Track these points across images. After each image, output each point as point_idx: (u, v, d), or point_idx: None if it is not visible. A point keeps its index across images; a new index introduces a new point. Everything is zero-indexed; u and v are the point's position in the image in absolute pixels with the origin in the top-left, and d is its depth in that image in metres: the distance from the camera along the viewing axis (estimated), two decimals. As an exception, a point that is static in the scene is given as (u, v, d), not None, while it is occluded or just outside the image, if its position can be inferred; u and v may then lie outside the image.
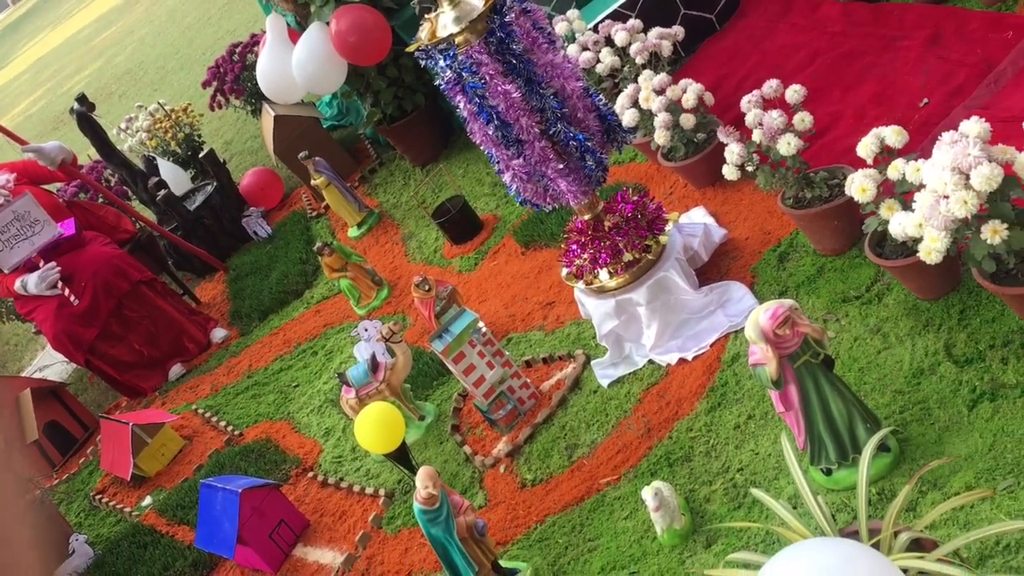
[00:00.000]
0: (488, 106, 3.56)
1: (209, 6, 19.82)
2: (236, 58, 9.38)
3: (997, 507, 2.63)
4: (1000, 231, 2.79)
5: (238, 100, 9.82)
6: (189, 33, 18.89)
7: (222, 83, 9.54)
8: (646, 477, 3.54)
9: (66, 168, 7.14)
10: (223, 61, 9.50)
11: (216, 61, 9.62)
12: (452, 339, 4.10)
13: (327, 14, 6.37)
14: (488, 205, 6.12)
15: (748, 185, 4.48)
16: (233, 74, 9.39)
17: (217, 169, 8.26)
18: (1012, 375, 2.96)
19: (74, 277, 6.48)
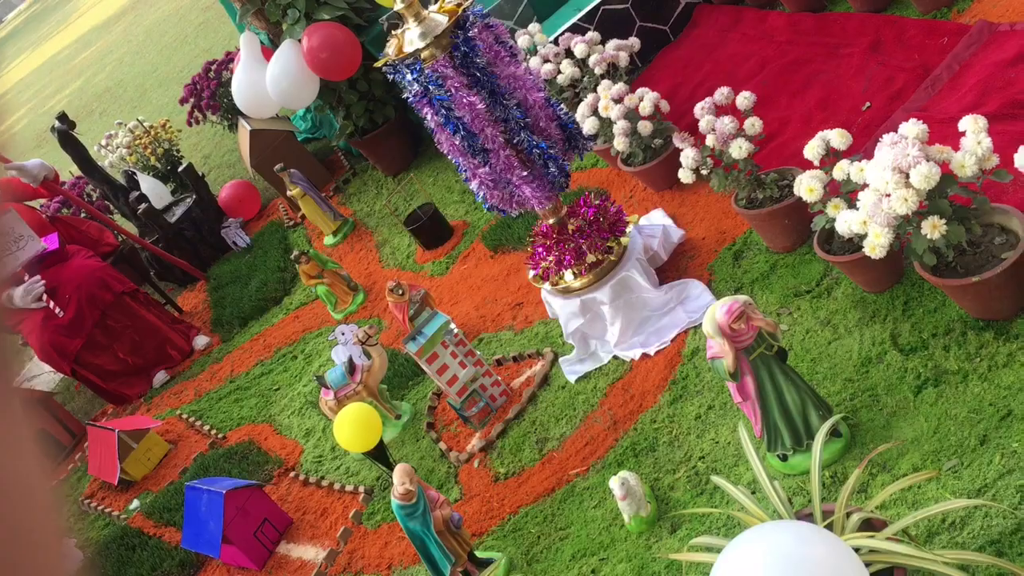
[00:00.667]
0: (454, 117, 3.56)
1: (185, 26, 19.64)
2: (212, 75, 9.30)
3: (942, 487, 2.66)
4: (939, 226, 2.82)
5: (215, 116, 9.74)
6: (166, 52, 18.71)
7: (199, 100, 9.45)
8: (613, 467, 3.55)
9: (48, 185, 7.04)
10: (199, 78, 9.42)
11: (192, 79, 9.54)
12: (426, 340, 4.08)
13: (299, 32, 6.33)
14: (458, 211, 6.11)
15: (703, 187, 4.51)
16: (209, 91, 9.31)
17: (196, 182, 8.19)
18: (954, 362, 3.00)
19: (58, 290, 6.40)
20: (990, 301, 2.96)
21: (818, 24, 5.09)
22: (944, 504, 2.29)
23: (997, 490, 2.55)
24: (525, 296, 4.87)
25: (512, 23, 6.12)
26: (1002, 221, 2.99)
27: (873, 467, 2.86)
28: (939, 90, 4.10)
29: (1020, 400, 2.74)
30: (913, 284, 3.35)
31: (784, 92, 4.84)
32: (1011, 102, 3.72)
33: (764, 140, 4.09)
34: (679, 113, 5.02)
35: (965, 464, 2.68)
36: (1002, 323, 2.99)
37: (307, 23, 6.33)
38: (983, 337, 2.99)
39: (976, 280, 2.85)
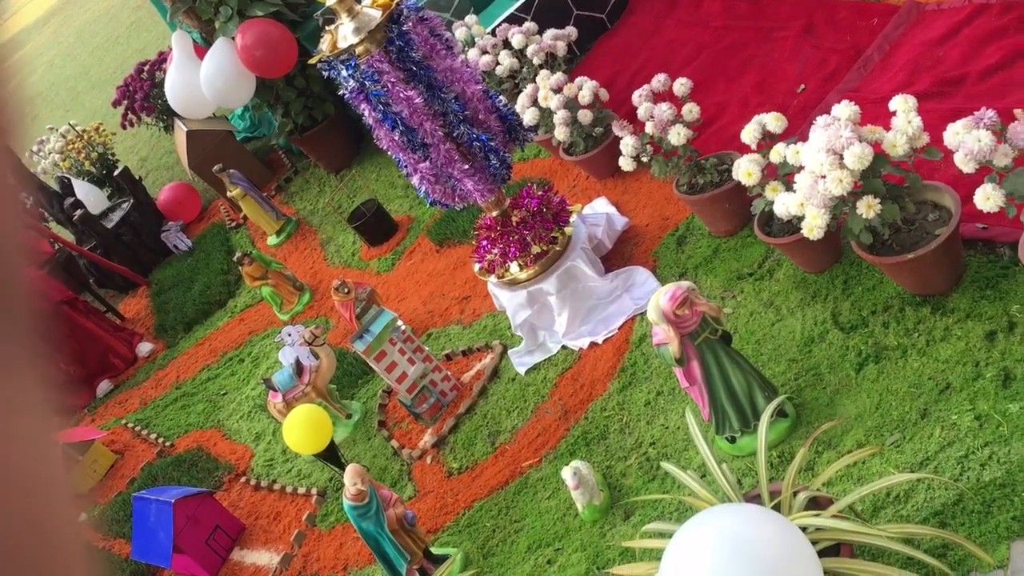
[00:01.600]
0: (392, 113, 3.53)
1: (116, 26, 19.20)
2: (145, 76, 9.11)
3: (886, 461, 2.71)
4: (873, 205, 2.87)
5: (149, 117, 9.54)
6: (98, 53, 18.28)
7: (132, 102, 9.26)
8: (565, 457, 3.56)
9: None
10: (132, 80, 9.22)
11: (125, 80, 9.34)
12: (373, 339, 4.05)
13: (232, 29, 6.22)
14: (402, 207, 6.07)
15: (645, 174, 4.53)
16: (143, 92, 9.12)
17: (133, 186, 8.02)
18: (893, 338, 3.05)
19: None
20: (926, 277, 3.02)
21: (752, 8, 5.15)
22: (888, 479, 2.33)
23: (938, 462, 2.61)
24: (472, 289, 4.86)
25: (449, 15, 6.08)
26: (934, 198, 3.05)
27: (819, 445, 2.91)
28: (871, 70, 4.17)
29: (958, 373, 2.80)
30: (852, 263, 3.41)
31: (721, 77, 4.89)
32: (940, 80, 3.80)
33: (702, 125, 4.12)
34: (619, 101, 5.04)
35: (907, 438, 2.74)
36: (938, 298, 3.05)
37: (240, 20, 6.23)
38: (920, 312, 3.05)
39: (911, 257, 2.91)
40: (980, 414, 2.64)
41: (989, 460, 2.51)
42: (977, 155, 2.54)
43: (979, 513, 2.41)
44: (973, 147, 2.54)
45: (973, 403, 2.68)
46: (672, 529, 2.39)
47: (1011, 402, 2.61)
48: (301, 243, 6.67)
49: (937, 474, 2.56)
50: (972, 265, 3.06)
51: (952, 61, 3.86)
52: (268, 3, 6.32)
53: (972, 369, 2.78)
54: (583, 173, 5.00)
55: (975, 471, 2.52)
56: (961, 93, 3.69)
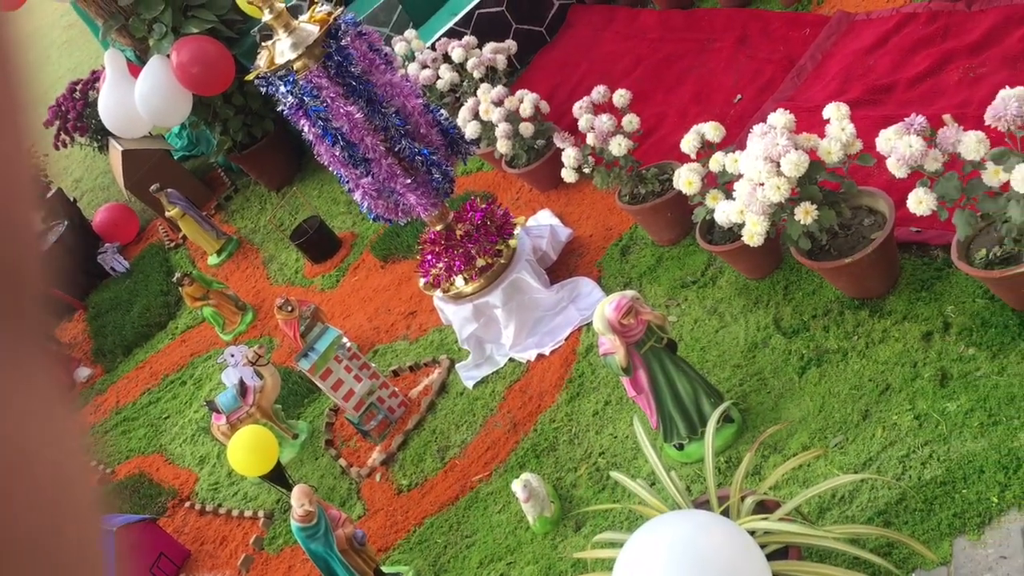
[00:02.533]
0: (332, 128, 3.50)
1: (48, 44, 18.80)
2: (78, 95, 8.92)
3: (831, 463, 2.76)
4: (811, 211, 2.92)
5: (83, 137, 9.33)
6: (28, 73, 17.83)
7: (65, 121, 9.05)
8: (515, 470, 3.55)
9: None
10: (64, 99, 9.02)
11: (57, 99, 9.12)
12: (318, 357, 4.01)
13: (166, 47, 6.13)
14: (345, 223, 6.02)
15: (588, 185, 4.56)
16: (76, 112, 8.92)
17: (67, 208, 7.84)
18: (833, 341, 3.11)
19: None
20: (863, 280, 3.08)
21: (688, 20, 5.22)
22: (832, 480, 2.37)
23: (881, 462, 2.66)
24: (418, 304, 4.83)
25: (388, 30, 6.06)
26: (870, 203, 3.12)
27: (765, 449, 2.94)
28: (804, 79, 4.25)
29: (897, 374, 2.86)
30: (792, 268, 3.46)
31: (659, 88, 4.94)
32: (872, 88, 3.89)
33: (643, 136, 4.16)
34: (560, 113, 5.07)
35: (850, 439, 2.78)
36: (876, 301, 3.11)
37: (175, 37, 6.14)
38: (859, 315, 3.11)
39: (849, 261, 2.96)
40: (919, 413, 2.70)
41: (929, 459, 2.57)
42: (908, 160, 2.60)
43: (921, 511, 2.46)
44: (904, 152, 2.60)
45: (912, 403, 2.74)
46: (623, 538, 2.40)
47: (949, 401, 2.67)
48: (243, 262, 6.58)
49: (880, 474, 2.61)
50: (907, 268, 3.13)
51: (882, 69, 3.96)
52: (203, 20, 6.24)
53: (910, 370, 2.84)
54: (526, 185, 5.02)
55: (916, 470, 2.57)
56: (892, 100, 3.78)
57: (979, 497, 2.40)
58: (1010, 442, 2.46)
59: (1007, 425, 2.50)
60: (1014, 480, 2.37)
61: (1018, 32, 3.63)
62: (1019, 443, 2.44)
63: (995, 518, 2.34)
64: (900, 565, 2.38)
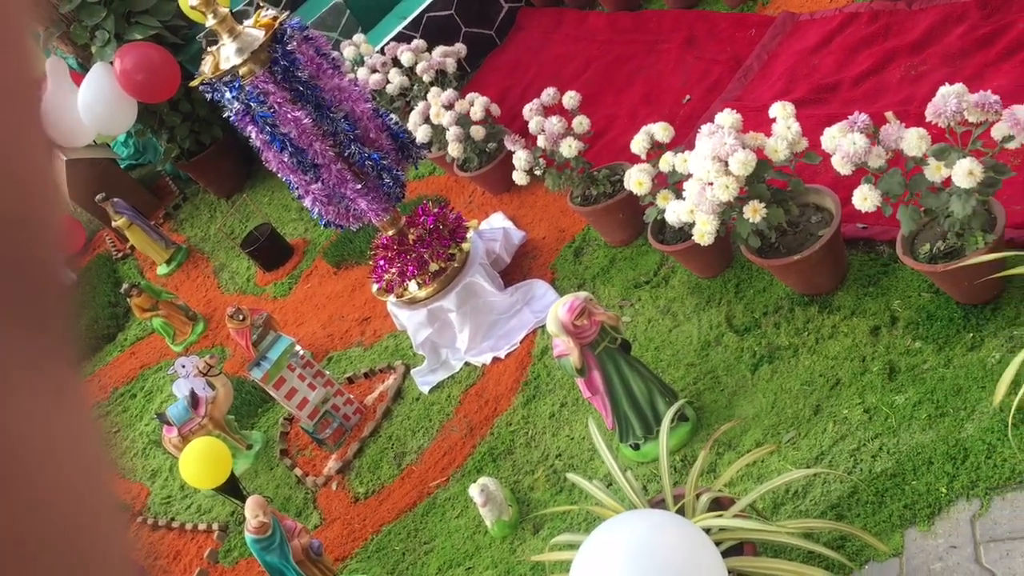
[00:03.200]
0: (280, 134, 3.46)
1: (-13, 53, 18.37)
2: (19, 104, 8.72)
3: (784, 458, 2.78)
4: (759, 210, 2.95)
5: (27, 147, 9.13)
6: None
7: (7, 131, 8.84)
8: (473, 474, 3.54)
9: None
10: (5, 108, 8.81)
11: (-2, 109, 8.91)
12: (271, 365, 3.96)
13: (110, 54, 6.02)
14: (296, 230, 5.96)
15: (540, 188, 4.56)
16: (18, 121, 8.72)
17: (10, 219, 7.65)
18: (784, 337, 3.14)
19: None
20: (812, 277, 3.12)
21: (635, 22, 5.26)
22: (786, 475, 2.39)
23: (833, 456, 2.69)
24: (372, 310, 4.80)
25: (336, 34, 6.02)
26: (817, 200, 3.16)
27: (719, 446, 2.96)
28: (751, 79, 4.30)
29: (846, 369, 2.90)
30: (742, 267, 3.50)
31: (609, 89, 4.97)
32: (817, 87, 3.95)
33: (593, 137, 4.18)
34: (511, 116, 5.07)
35: (802, 435, 2.81)
36: (825, 297, 3.15)
37: (118, 44, 6.03)
38: (809, 312, 3.15)
39: (797, 258, 3.00)
40: (869, 407, 2.74)
41: (880, 451, 2.60)
42: (853, 157, 2.64)
43: (873, 504, 2.49)
44: (849, 150, 2.64)
45: (862, 397, 2.78)
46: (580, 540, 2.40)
47: (897, 394, 2.71)
48: (193, 271, 6.48)
49: (832, 468, 2.64)
50: (855, 264, 3.18)
51: (826, 69, 4.02)
52: (147, 26, 6.15)
53: (859, 364, 2.88)
54: (479, 189, 5.01)
55: (867, 463, 2.61)
56: (836, 99, 3.84)
57: (928, 488, 2.44)
58: (957, 433, 2.50)
59: (954, 416, 2.55)
60: (962, 470, 2.41)
61: (957, 30, 3.71)
62: (966, 434, 2.48)
63: (944, 508, 2.38)
64: (853, 558, 2.41)
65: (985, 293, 2.72)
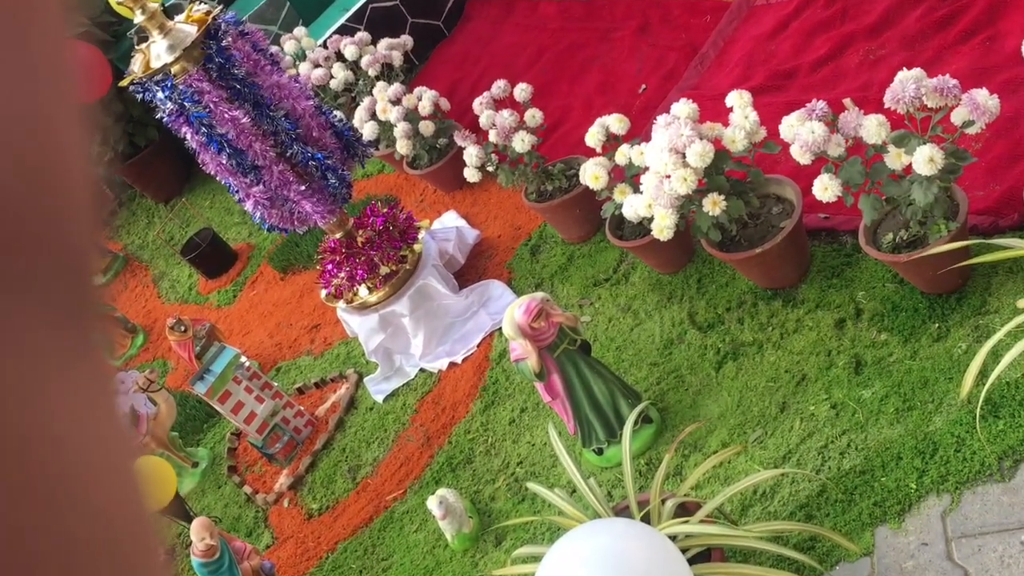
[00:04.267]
0: (217, 135, 3.41)
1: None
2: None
3: (751, 459, 2.80)
4: (719, 202, 2.96)
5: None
6: None
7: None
8: (431, 486, 3.51)
9: None
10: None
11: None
12: (215, 379, 3.91)
13: (35, 53, 5.89)
14: (240, 234, 5.89)
15: (493, 184, 4.55)
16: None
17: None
18: (748, 333, 3.16)
19: None
20: (775, 270, 3.14)
21: (587, 9, 5.26)
22: (753, 477, 2.40)
23: (800, 455, 2.71)
24: (321, 317, 4.76)
25: (276, 28, 5.95)
26: (777, 191, 3.18)
27: (685, 448, 2.97)
28: (708, 67, 4.32)
29: (812, 364, 2.92)
30: (704, 261, 3.51)
31: (563, 79, 4.97)
32: (774, 74, 3.98)
33: (547, 130, 4.17)
34: (461, 110, 5.05)
35: (769, 433, 2.83)
36: (788, 290, 3.18)
37: (44, 43, 5.90)
38: (773, 306, 3.18)
39: (759, 251, 3.02)
40: (836, 402, 2.76)
41: (848, 448, 2.63)
42: (812, 146, 2.66)
43: (842, 503, 2.52)
44: (807, 139, 2.66)
45: (828, 392, 2.80)
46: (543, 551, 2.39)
47: (863, 388, 2.74)
48: (131, 280, 6.37)
49: (800, 467, 2.66)
50: (818, 255, 3.21)
51: (784, 54, 4.05)
52: (75, 22, 6.02)
53: (825, 358, 2.90)
54: (430, 187, 4.98)
55: (835, 460, 2.63)
56: (795, 85, 3.87)
57: (898, 484, 2.46)
58: (925, 427, 2.53)
59: (921, 410, 2.58)
60: (931, 465, 2.44)
61: (914, 13, 3.76)
62: (934, 427, 2.52)
63: (915, 504, 2.41)
64: (823, 559, 2.43)
65: (950, 282, 2.75)
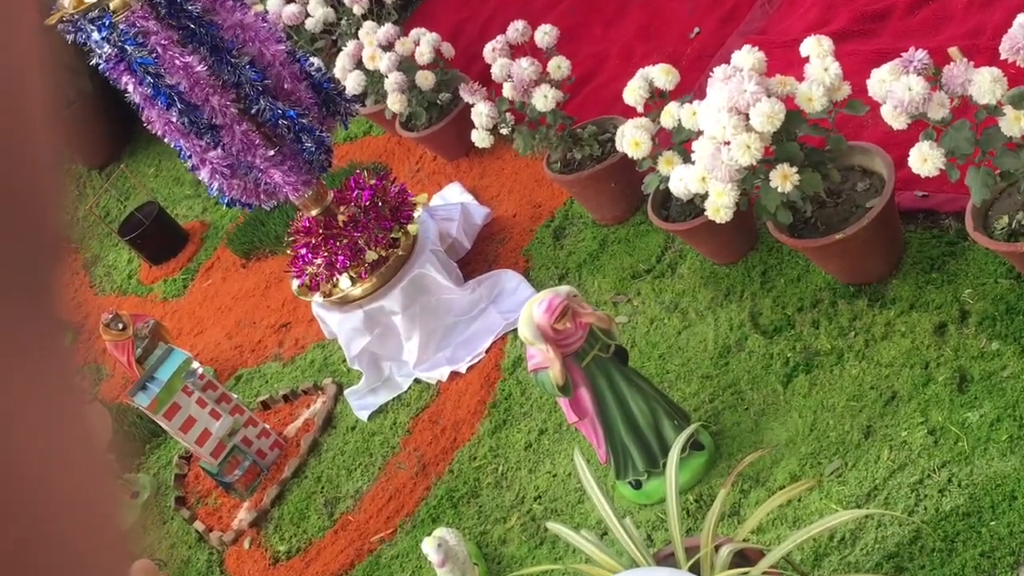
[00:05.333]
0: (165, 86, 3.42)
1: None
2: None
3: (826, 496, 2.80)
4: (790, 176, 2.95)
5: None
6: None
7: None
8: (427, 525, 3.53)
9: None
10: None
11: None
12: (160, 389, 3.94)
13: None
14: (192, 210, 5.94)
15: (508, 151, 4.56)
16: None
17: None
18: (825, 340, 3.16)
19: None
20: (860, 261, 3.14)
21: (628, -67, 5.25)
22: (830, 518, 2.40)
23: (888, 492, 2.71)
24: (292, 313, 4.79)
25: (239, -46, 5.97)
26: (863, 162, 3.18)
27: (744, 482, 2.97)
28: (777, 7, 4.31)
29: (905, 378, 2.91)
30: (770, 249, 3.51)
31: (596, 21, 4.97)
32: (861, 16, 3.96)
33: (575, 84, 4.17)
34: (468, 58, 5.05)
35: (849, 465, 2.83)
36: (876, 286, 3.17)
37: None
38: (856, 306, 3.17)
39: (840, 237, 3.01)
40: (934, 427, 2.76)
41: (948, 484, 2.62)
42: (908, 107, 2.65)
43: (941, 552, 2.51)
44: (902, 97, 2.64)
45: (925, 414, 2.80)
46: (566, 608, 2.40)
47: (969, 410, 2.73)
48: (57, 266, 6.43)
49: (888, 507, 2.65)
50: (913, 243, 3.20)
51: (874, -9, 4.04)
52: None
53: (921, 372, 2.89)
54: (428, 153, 5.00)
55: (933, 499, 2.63)
56: (886, 30, 3.86)
57: (1011, 530, 2.46)
58: (1046, 458, 2.53)
59: (1042, 437, 2.57)
60: (1053, 506, 2.44)
61: (1038, -60, 3.73)
62: (1057, 459, 2.51)
63: (1031, 555, 2.41)
64: (917, 622, 2.43)
65: (1079, 278, 2.74)
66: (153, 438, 4.72)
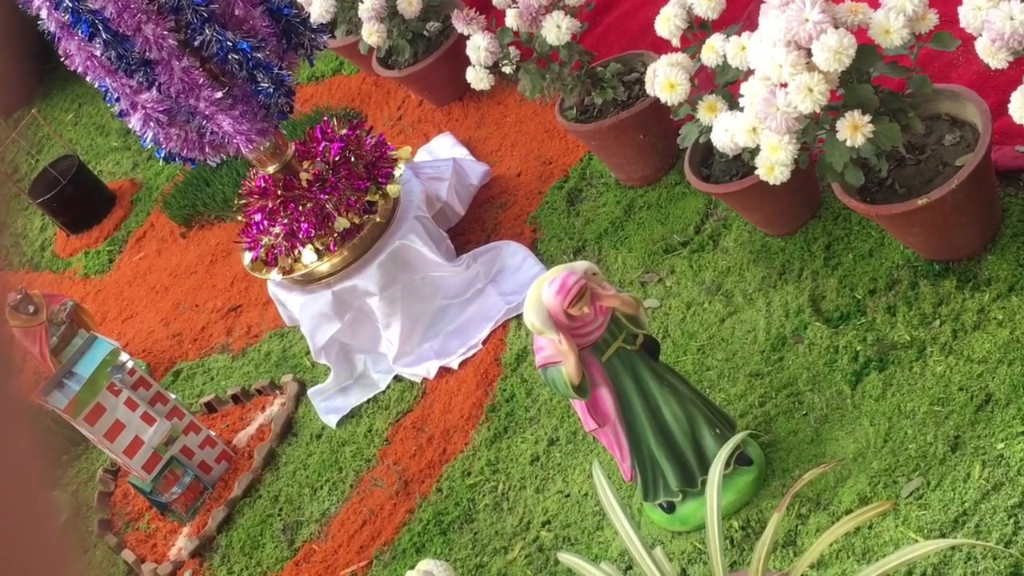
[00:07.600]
0: (87, 11, 3.42)
1: None
2: None
3: (903, 522, 2.80)
4: (862, 126, 2.94)
5: None
6: None
7: None
8: (409, 556, 3.54)
9: None
10: None
11: None
12: (80, 387, 3.95)
13: None
14: (121, 166, 5.94)
15: (511, 94, 4.55)
16: None
17: None
18: (904, 330, 3.15)
19: None
20: (947, 232, 3.13)
21: None
22: (907, 550, 2.40)
23: (981, 517, 2.71)
24: (244, 294, 4.80)
25: None
26: (951, 110, 3.16)
27: (802, 504, 2.97)
28: (848, -83, 4.29)
29: (1002, 378, 2.91)
30: (835, 217, 3.50)
31: (621, -66, 4.95)
32: (951, -71, 3.94)
33: (594, 12, 4.17)
34: (462, -22, 5.05)
35: (932, 484, 2.83)
36: (967, 263, 3.16)
37: None
38: (942, 288, 3.16)
39: (924, 202, 3.00)
40: (1038, 438, 2.75)
41: (1055, 508, 2.62)
42: (1009, 41, 2.63)
43: (1045, 591, 2.51)
44: (1003, 28, 2.63)
45: (1027, 422, 2.80)
46: (582, 659, 2.40)
47: (1082, 417, 2.73)
48: (-47, 235, 6.44)
49: (980, 536, 2.65)
50: (1013, 211, 3.19)
51: (967, -102, 4.02)
52: None
53: (1022, 370, 2.89)
54: (413, 97, 5.00)
55: (1035, 527, 2.63)
56: (983, -53, 3.84)
57: None
58: None
59: None
60: None
61: None
62: None
63: None
64: (1014, 678, 2.43)
65: None
66: (71, 447, 4.72)
